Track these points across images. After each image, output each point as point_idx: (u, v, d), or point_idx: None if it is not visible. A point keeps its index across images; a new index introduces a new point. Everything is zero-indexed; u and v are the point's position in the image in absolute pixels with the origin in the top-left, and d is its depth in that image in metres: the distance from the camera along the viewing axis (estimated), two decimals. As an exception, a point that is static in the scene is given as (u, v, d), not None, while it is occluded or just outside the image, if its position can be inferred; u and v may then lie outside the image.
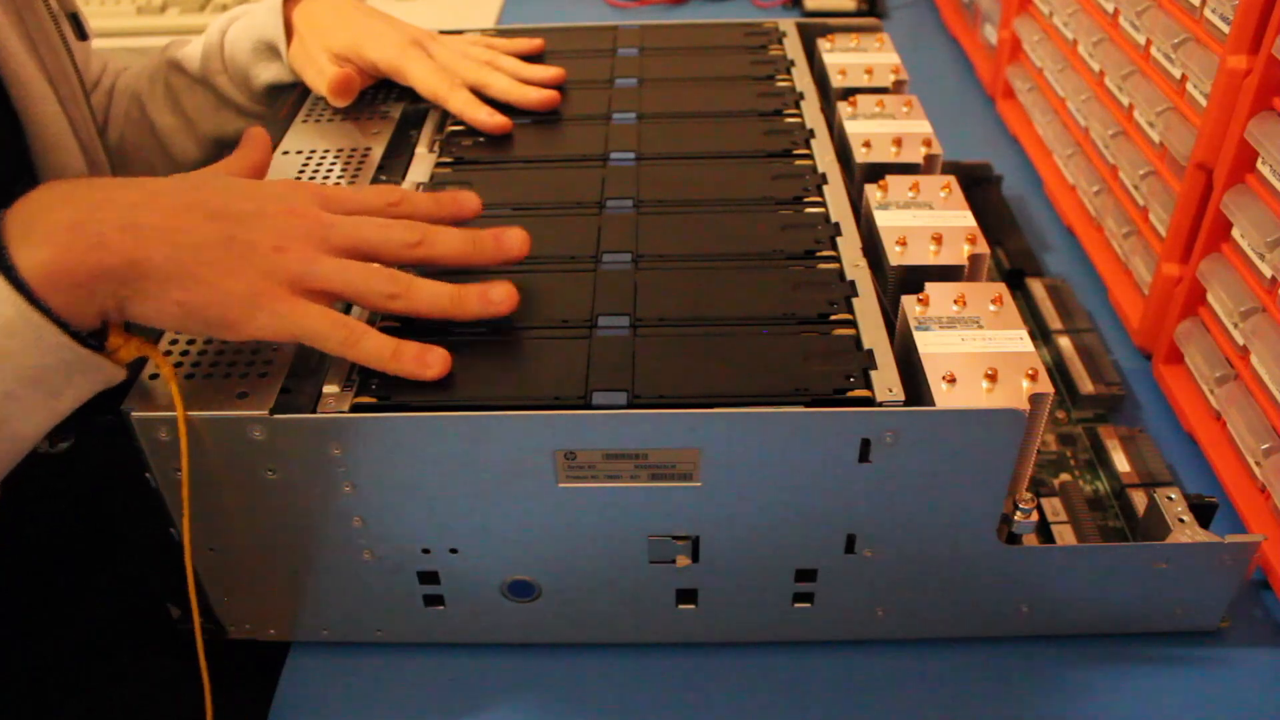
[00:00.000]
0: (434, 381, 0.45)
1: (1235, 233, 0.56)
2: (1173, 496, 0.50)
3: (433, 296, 0.46)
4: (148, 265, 0.41)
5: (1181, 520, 0.49)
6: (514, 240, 0.49)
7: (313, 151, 0.62)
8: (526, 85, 0.66)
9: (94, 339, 0.41)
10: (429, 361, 0.44)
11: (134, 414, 0.43)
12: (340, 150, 0.62)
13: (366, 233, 0.46)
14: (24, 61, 0.58)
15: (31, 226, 0.40)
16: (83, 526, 0.55)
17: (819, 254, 0.53)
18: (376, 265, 0.46)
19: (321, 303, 0.44)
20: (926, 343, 0.46)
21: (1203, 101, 0.57)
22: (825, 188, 0.57)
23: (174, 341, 0.47)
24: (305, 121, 0.66)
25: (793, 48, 0.72)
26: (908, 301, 0.48)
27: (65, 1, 0.64)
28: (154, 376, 0.45)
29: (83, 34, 0.65)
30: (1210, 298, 0.58)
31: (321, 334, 0.44)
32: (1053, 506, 0.54)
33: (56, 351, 0.40)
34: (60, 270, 0.39)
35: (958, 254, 0.50)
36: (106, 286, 0.40)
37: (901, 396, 0.44)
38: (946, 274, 0.50)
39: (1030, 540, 0.48)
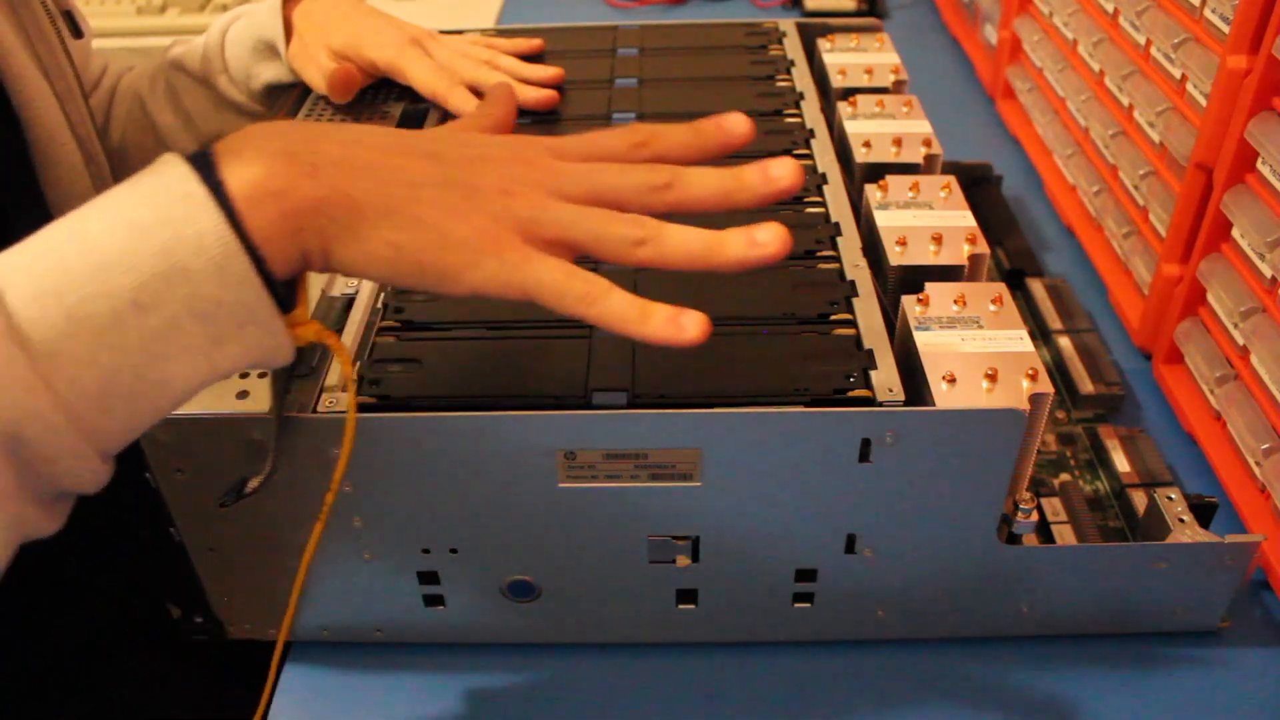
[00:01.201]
0: (434, 381, 0.45)
1: (1235, 233, 0.56)
2: (1173, 496, 0.50)
3: (683, 242, 0.40)
4: (360, 200, 0.37)
5: (1181, 520, 0.49)
6: (784, 171, 0.41)
7: (313, 151, 0.62)
8: (525, 85, 0.66)
9: (282, 292, 0.37)
10: (684, 324, 0.38)
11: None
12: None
13: (605, 177, 0.41)
14: (20, 57, 0.58)
15: (242, 149, 0.37)
16: (83, 526, 0.55)
17: (819, 254, 0.53)
18: (617, 211, 0.40)
19: (556, 254, 0.39)
20: (926, 343, 0.46)
21: (1203, 101, 0.57)
22: (825, 188, 0.57)
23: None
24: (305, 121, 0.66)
25: (793, 48, 0.72)
26: (908, 301, 0.48)
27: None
28: None
29: (78, 32, 0.65)
30: (1210, 298, 0.58)
31: (558, 287, 0.38)
32: (1053, 506, 0.54)
33: (239, 288, 0.35)
34: (268, 191, 0.36)
35: (958, 254, 0.50)
36: (314, 221, 0.37)
37: (901, 396, 0.44)
38: (946, 274, 0.50)
39: (1030, 540, 0.48)
